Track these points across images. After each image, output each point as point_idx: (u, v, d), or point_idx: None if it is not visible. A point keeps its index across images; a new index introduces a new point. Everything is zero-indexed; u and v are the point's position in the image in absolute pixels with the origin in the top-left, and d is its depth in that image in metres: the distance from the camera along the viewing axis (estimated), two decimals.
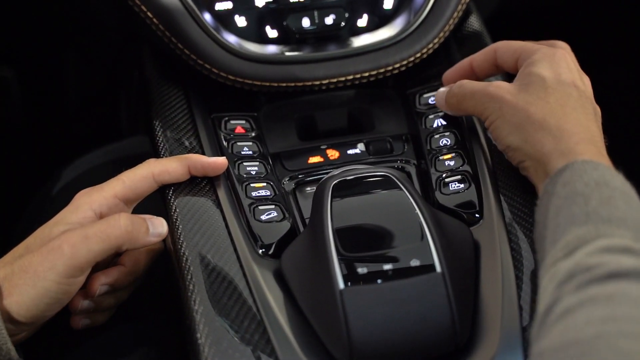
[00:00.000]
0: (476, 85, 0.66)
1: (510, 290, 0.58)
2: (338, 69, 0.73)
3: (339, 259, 0.56)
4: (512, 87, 0.64)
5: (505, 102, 0.63)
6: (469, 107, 0.67)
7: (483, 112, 0.65)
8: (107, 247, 0.58)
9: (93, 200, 0.62)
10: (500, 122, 0.63)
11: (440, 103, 0.71)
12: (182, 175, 0.65)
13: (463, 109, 0.68)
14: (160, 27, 0.72)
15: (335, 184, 0.62)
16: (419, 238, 0.57)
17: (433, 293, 0.55)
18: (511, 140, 0.62)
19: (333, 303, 0.54)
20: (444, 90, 0.70)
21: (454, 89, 0.68)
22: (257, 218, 0.64)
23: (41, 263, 0.56)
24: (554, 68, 0.63)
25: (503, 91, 0.64)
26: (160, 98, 0.74)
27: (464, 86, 0.67)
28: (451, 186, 0.67)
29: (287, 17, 0.76)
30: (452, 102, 0.69)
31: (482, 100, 0.65)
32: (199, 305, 0.57)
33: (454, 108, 0.69)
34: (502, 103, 0.63)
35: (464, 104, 0.67)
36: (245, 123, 0.72)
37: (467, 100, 0.67)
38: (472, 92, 0.66)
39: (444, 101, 0.70)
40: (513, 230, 0.63)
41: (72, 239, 0.57)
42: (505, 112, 0.63)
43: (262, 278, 0.60)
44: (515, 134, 0.62)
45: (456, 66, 0.72)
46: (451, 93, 0.69)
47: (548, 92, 0.62)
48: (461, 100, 0.67)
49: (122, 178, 0.63)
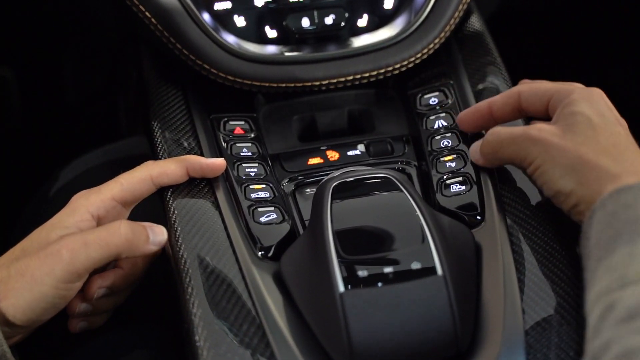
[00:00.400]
0: (515, 130, 0.62)
1: (512, 293, 0.58)
2: (338, 70, 0.72)
3: (339, 261, 0.55)
4: (556, 128, 0.60)
5: (552, 144, 0.58)
6: (509, 154, 0.62)
7: (526, 158, 0.60)
8: (106, 255, 0.58)
9: (90, 203, 0.61)
10: (548, 166, 0.59)
11: (474, 156, 0.66)
12: (180, 177, 0.65)
13: (501, 158, 0.64)
14: (158, 27, 0.72)
15: (335, 186, 0.62)
16: (419, 240, 0.57)
17: (434, 296, 0.54)
18: (563, 184, 0.58)
19: (333, 306, 0.54)
20: (477, 143, 0.66)
21: (488, 137, 0.64)
22: (256, 220, 0.64)
23: (39, 267, 0.56)
24: (595, 107, 0.60)
25: (547, 134, 0.59)
26: (159, 98, 0.73)
27: (500, 133, 0.63)
28: (452, 188, 0.66)
29: (287, 17, 0.76)
30: (487, 151, 0.64)
31: (524, 145, 0.60)
32: (197, 308, 0.57)
33: (490, 157, 0.65)
34: (548, 146, 0.59)
35: (503, 151, 0.63)
36: (244, 124, 0.72)
37: (505, 147, 0.62)
38: (511, 138, 0.62)
39: (479, 153, 0.66)
40: (515, 232, 0.62)
41: (71, 245, 0.57)
42: (554, 155, 0.58)
43: (262, 281, 0.59)
44: (567, 177, 0.57)
45: (472, 109, 0.68)
46: (486, 142, 0.64)
47: (597, 132, 0.58)
48: (498, 149, 0.63)
49: (120, 180, 0.63)
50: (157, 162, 0.64)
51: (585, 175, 0.57)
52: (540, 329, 0.56)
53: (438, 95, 0.74)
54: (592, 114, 0.59)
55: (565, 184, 0.58)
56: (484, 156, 0.65)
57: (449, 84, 0.74)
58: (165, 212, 0.65)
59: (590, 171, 0.57)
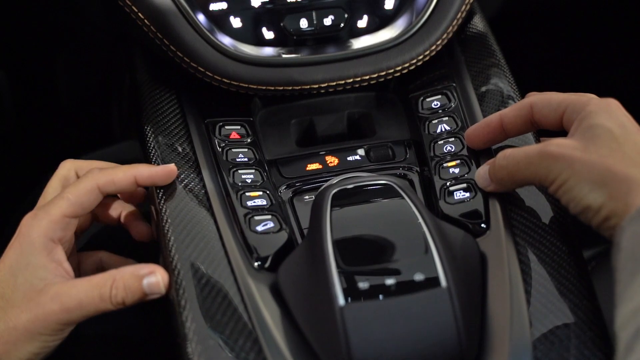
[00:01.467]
0: (530, 150, 0.59)
1: (519, 304, 0.56)
2: (337, 72, 0.71)
3: (338, 272, 0.54)
4: (577, 142, 0.58)
5: (576, 159, 0.56)
6: (527, 175, 0.59)
7: (547, 177, 0.58)
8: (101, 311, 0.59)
9: (44, 229, 0.60)
10: (574, 182, 0.56)
11: (484, 183, 0.63)
12: (128, 186, 0.64)
13: (518, 181, 0.61)
14: (151, 28, 0.71)
15: (334, 193, 0.61)
16: (422, 250, 0.56)
17: (438, 309, 0.53)
18: (593, 199, 0.55)
19: (332, 320, 0.53)
20: (484, 168, 0.63)
21: (500, 162, 0.61)
22: (252, 229, 0.62)
23: (32, 321, 0.57)
24: (614, 118, 0.58)
25: (569, 149, 0.57)
26: (152, 102, 0.72)
27: (513, 155, 0.60)
28: (456, 195, 0.65)
29: (284, 18, 0.75)
30: (501, 176, 0.62)
31: (545, 163, 0.58)
32: (191, 322, 0.56)
33: (505, 182, 0.62)
34: (571, 161, 0.56)
35: (520, 173, 0.60)
36: (240, 129, 0.71)
37: (523, 169, 0.59)
38: (527, 158, 0.59)
39: (489, 179, 0.63)
40: (521, 241, 0.61)
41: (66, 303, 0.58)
42: (579, 170, 0.56)
43: (258, 293, 0.58)
44: (597, 191, 0.55)
45: (481, 124, 0.66)
46: (498, 166, 0.62)
47: (620, 143, 0.56)
48: (514, 171, 0.60)
49: (66, 195, 0.62)
50: (104, 171, 0.63)
51: (615, 187, 0.55)
52: (548, 343, 0.55)
53: (440, 98, 0.73)
54: (612, 126, 0.57)
55: (595, 199, 0.55)
56: (497, 182, 0.63)
57: (451, 86, 0.74)
58: (157, 221, 0.63)
59: (620, 183, 0.55)
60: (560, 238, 0.61)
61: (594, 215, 0.56)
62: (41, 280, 0.58)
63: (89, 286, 0.58)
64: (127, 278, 0.59)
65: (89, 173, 0.63)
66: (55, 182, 0.65)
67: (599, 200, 0.55)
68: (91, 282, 0.59)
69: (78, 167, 0.66)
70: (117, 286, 0.58)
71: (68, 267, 0.61)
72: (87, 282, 0.59)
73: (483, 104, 0.71)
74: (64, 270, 0.60)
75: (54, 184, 0.65)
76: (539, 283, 0.58)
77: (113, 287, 0.58)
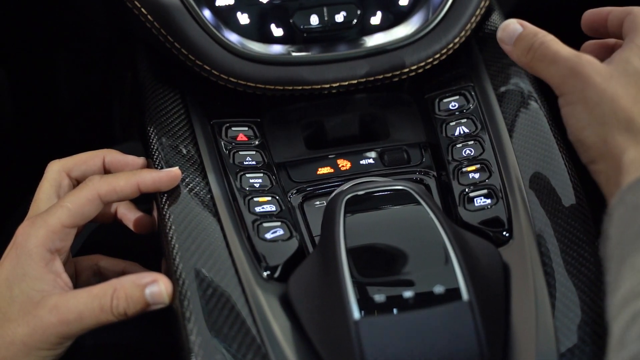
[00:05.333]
0: (563, 50, 0.57)
1: (545, 317, 0.55)
2: (349, 71, 0.70)
3: (353, 283, 0.53)
4: (604, 69, 0.56)
5: (592, 84, 0.55)
6: (546, 72, 0.58)
7: (560, 87, 0.56)
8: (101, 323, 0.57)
9: (42, 242, 0.58)
10: (579, 109, 0.55)
11: (505, 38, 0.61)
12: (131, 194, 0.62)
13: (536, 70, 0.59)
14: (155, 24, 0.69)
15: (347, 199, 0.59)
16: (442, 261, 0.54)
17: (459, 324, 0.51)
18: (587, 135, 0.55)
19: (347, 335, 0.51)
20: (515, 26, 0.61)
21: (535, 41, 0.59)
22: (261, 236, 0.60)
23: (30, 335, 0.56)
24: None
25: (593, 70, 0.55)
26: (155, 102, 0.70)
27: (549, 44, 0.58)
28: (476, 201, 0.63)
29: (294, 14, 0.73)
30: (524, 53, 0.59)
31: (565, 72, 0.56)
32: (196, 335, 0.54)
33: (523, 60, 0.60)
34: (587, 84, 0.55)
35: (541, 65, 0.58)
36: (247, 130, 0.69)
37: (545, 63, 0.57)
38: (555, 56, 0.57)
39: (512, 42, 0.61)
40: (546, 251, 0.59)
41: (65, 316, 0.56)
42: (589, 97, 0.55)
43: (267, 304, 0.56)
44: (593, 127, 0.54)
45: (596, 10, 0.65)
46: (528, 43, 0.59)
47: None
48: (538, 60, 0.58)
49: (65, 204, 0.59)
50: (105, 178, 0.61)
51: (612, 133, 0.54)
52: (576, 359, 0.53)
53: (458, 99, 0.71)
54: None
55: (589, 136, 0.55)
56: (517, 52, 0.61)
57: (469, 86, 0.72)
58: (160, 227, 0.61)
59: (619, 132, 0.53)
60: (587, 248, 0.59)
61: (584, 151, 0.56)
62: (38, 292, 0.57)
63: (88, 297, 0.57)
64: (128, 287, 0.57)
65: (89, 181, 0.61)
66: (47, 187, 0.63)
67: (591, 139, 0.55)
68: (91, 292, 0.57)
69: (67, 168, 0.64)
70: (118, 296, 0.56)
71: (66, 278, 0.59)
72: (87, 292, 0.57)
73: (503, 104, 0.70)
74: (63, 281, 0.58)
75: (45, 189, 0.63)
76: (565, 296, 0.56)
77: (114, 298, 0.56)
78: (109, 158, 0.65)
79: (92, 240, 0.73)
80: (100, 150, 0.65)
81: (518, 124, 0.67)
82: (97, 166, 0.65)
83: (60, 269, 0.59)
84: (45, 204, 0.61)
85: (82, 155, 0.65)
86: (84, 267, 0.66)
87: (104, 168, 0.65)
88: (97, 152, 0.65)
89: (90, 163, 0.65)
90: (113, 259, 0.67)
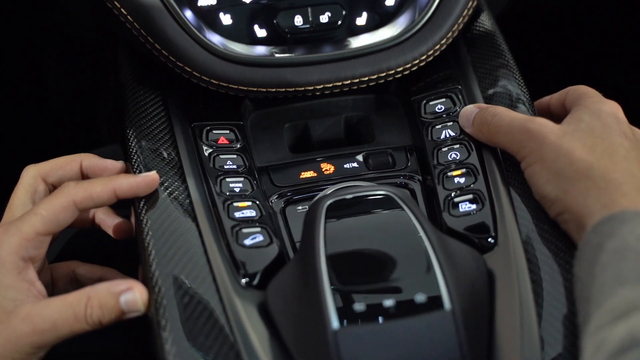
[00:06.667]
0: (515, 118, 0.61)
1: (530, 326, 0.54)
2: (334, 73, 0.69)
3: (332, 292, 0.52)
4: (558, 128, 0.59)
5: (548, 143, 0.58)
6: (504, 142, 0.61)
7: (519, 152, 0.60)
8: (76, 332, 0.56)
9: (15, 247, 0.57)
10: (538, 167, 0.58)
11: (465, 123, 0.65)
12: (108, 200, 0.60)
13: (495, 142, 0.63)
14: (135, 25, 0.68)
15: (329, 204, 0.58)
16: (424, 268, 0.53)
17: (441, 334, 0.51)
18: (549, 190, 0.57)
19: (325, 345, 0.50)
20: (472, 109, 0.65)
21: (488, 116, 0.63)
22: (240, 242, 0.59)
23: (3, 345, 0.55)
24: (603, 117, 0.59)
25: (546, 130, 0.59)
26: (136, 104, 0.69)
27: (501, 116, 0.62)
28: (461, 207, 0.62)
29: (278, 15, 0.72)
30: (482, 129, 0.63)
31: (521, 137, 0.60)
32: (171, 345, 0.53)
33: (483, 136, 0.64)
34: (543, 144, 0.58)
35: (498, 137, 0.62)
36: (229, 133, 0.68)
37: (502, 134, 0.61)
38: (509, 125, 0.61)
39: (471, 122, 0.65)
40: (532, 257, 0.58)
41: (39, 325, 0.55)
42: (546, 155, 0.58)
43: (245, 313, 0.55)
44: (554, 182, 0.57)
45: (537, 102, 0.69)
46: (483, 119, 0.63)
47: (596, 141, 0.57)
48: (495, 132, 0.62)
49: (39, 212, 0.58)
50: (80, 184, 0.60)
51: (572, 184, 0.56)
52: None
53: (445, 101, 0.70)
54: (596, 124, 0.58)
55: (551, 190, 0.57)
56: (477, 130, 0.64)
57: (456, 89, 0.71)
58: (137, 232, 0.60)
59: (578, 180, 0.56)
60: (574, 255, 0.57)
61: (549, 206, 0.58)
62: (11, 301, 0.55)
63: (62, 306, 0.55)
64: (102, 296, 0.56)
65: (64, 187, 0.59)
66: (22, 192, 0.62)
67: (554, 193, 0.57)
68: (65, 301, 0.56)
69: (43, 174, 0.63)
70: (92, 305, 0.55)
71: (40, 287, 0.58)
72: (61, 301, 0.56)
73: None
74: (36, 289, 0.57)
75: (20, 195, 0.62)
76: (551, 304, 0.55)
77: (88, 306, 0.55)
78: (86, 162, 0.64)
79: (70, 246, 0.72)
80: (78, 155, 0.64)
81: None
82: (74, 171, 0.63)
83: (34, 277, 0.57)
84: (20, 210, 0.60)
85: (58, 159, 0.64)
86: (61, 274, 0.65)
87: (82, 173, 0.64)
88: (74, 157, 0.64)
89: (67, 168, 0.63)
90: (90, 265, 0.66)
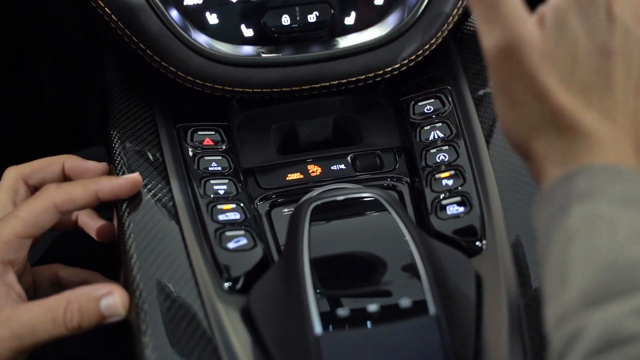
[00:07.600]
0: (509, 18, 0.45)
1: (517, 332, 0.53)
2: (322, 73, 0.69)
3: (315, 296, 0.51)
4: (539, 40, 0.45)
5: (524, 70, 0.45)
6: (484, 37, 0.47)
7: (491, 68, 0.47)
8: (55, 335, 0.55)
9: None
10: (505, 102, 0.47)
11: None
12: (89, 203, 0.60)
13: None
14: (119, 24, 0.67)
15: (314, 207, 0.58)
16: (410, 273, 0.53)
17: (426, 339, 0.50)
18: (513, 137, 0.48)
19: (307, 351, 0.49)
20: None
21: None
22: (223, 246, 0.58)
23: None
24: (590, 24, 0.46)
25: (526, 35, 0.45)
26: (120, 105, 0.69)
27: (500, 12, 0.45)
28: (449, 209, 0.61)
29: (265, 14, 0.71)
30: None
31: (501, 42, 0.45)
32: (152, 350, 0.52)
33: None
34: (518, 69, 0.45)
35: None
36: (214, 134, 0.67)
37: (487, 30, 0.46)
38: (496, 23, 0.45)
39: None
40: (521, 261, 0.57)
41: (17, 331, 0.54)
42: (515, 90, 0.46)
43: (227, 318, 0.54)
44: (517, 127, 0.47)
45: None
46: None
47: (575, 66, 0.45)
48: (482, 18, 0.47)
49: (20, 214, 0.57)
50: (61, 187, 0.59)
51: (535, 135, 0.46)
52: None
53: (434, 102, 0.70)
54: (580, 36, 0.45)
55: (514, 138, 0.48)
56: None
57: (446, 89, 0.71)
58: (119, 235, 0.60)
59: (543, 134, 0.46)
60: None
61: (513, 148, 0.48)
62: None
63: (41, 310, 0.54)
64: (82, 300, 0.55)
65: (45, 190, 0.59)
66: (2, 194, 0.61)
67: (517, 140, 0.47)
68: (44, 305, 0.55)
69: (25, 175, 0.62)
70: (71, 309, 0.54)
71: (20, 291, 0.57)
72: (40, 305, 0.55)
73: (480, 108, 0.68)
74: (16, 293, 0.56)
75: (0, 197, 0.60)
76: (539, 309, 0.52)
77: (67, 310, 0.54)
78: (68, 164, 0.63)
79: (53, 249, 0.71)
80: (60, 156, 0.63)
81: (495, 129, 0.66)
82: (56, 173, 0.63)
83: (13, 281, 0.56)
84: (0, 213, 0.59)
85: (40, 161, 0.63)
86: (43, 278, 0.64)
87: (64, 174, 0.63)
88: (56, 158, 0.63)
89: (49, 169, 0.63)
90: (73, 268, 0.65)
